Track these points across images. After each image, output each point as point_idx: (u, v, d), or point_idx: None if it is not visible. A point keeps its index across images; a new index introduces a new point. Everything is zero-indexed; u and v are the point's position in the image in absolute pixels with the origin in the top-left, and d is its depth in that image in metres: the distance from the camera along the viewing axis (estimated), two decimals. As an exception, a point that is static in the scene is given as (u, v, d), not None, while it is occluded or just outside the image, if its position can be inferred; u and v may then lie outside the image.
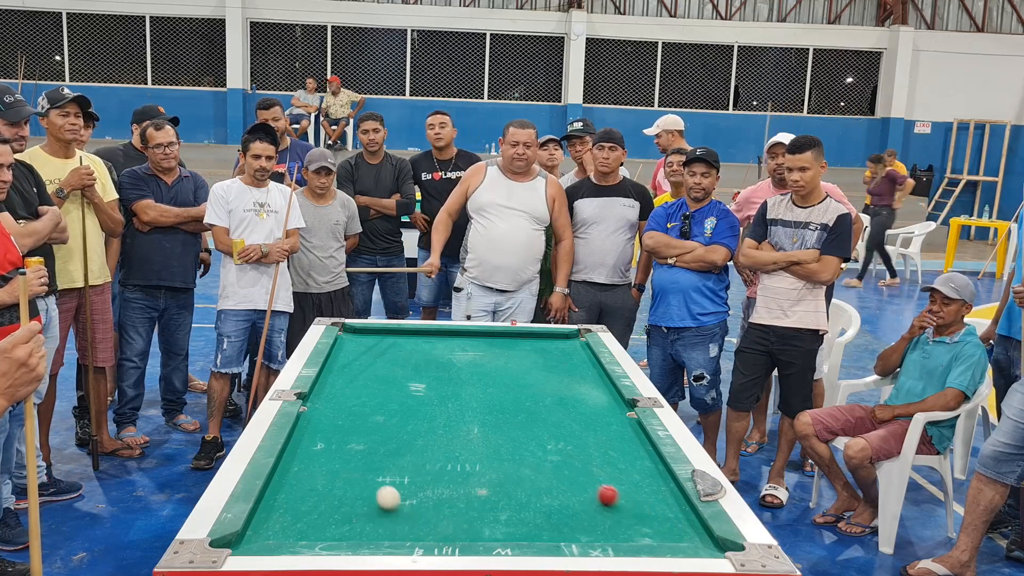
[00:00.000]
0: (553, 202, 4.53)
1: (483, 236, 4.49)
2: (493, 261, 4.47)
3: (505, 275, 4.49)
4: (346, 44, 16.62)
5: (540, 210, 4.51)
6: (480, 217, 4.52)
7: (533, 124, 4.52)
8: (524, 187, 4.51)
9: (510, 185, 4.49)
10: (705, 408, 4.52)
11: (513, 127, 4.47)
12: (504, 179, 4.52)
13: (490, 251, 4.47)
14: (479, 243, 4.51)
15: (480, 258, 4.51)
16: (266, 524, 1.99)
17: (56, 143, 4.06)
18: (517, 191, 4.49)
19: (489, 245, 4.47)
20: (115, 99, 15.45)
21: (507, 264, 4.47)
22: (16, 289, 3.01)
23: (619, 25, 16.86)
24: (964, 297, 3.88)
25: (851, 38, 17.25)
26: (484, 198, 4.49)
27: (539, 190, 4.52)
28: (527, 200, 4.48)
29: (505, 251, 4.46)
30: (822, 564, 3.72)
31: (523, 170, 4.50)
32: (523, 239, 4.48)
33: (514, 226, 4.46)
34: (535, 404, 2.99)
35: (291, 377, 3.05)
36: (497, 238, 4.45)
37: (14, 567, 3.27)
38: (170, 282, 4.60)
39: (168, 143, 4.46)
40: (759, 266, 4.22)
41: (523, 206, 4.46)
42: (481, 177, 4.54)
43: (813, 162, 4.00)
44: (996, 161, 17.12)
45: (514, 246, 4.46)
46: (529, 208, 4.48)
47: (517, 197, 4.47)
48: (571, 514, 2.11)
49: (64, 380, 4.45)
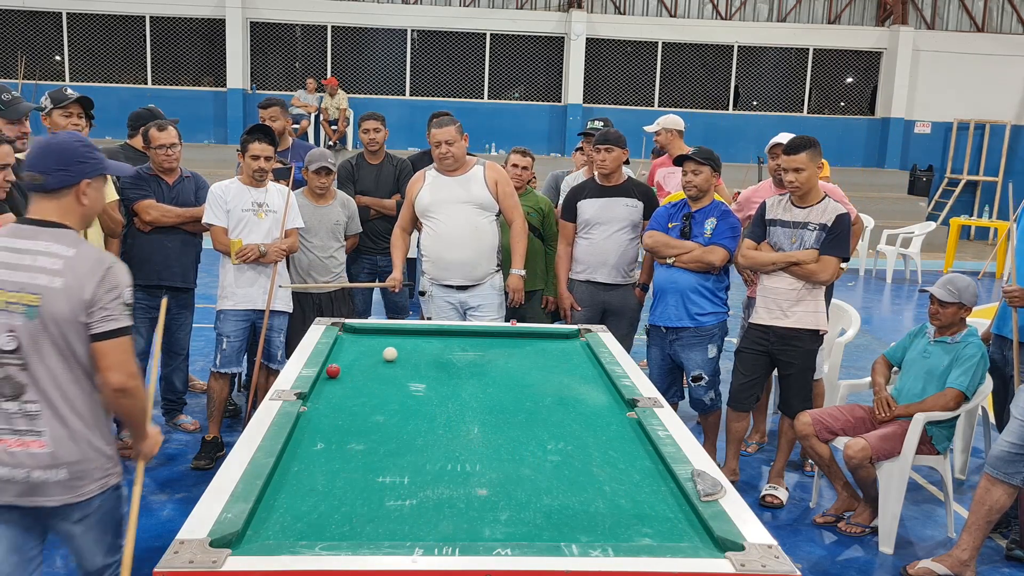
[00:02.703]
0: (495, 185, 4.49)
1: (432, 235, 4.49)
2: (446, 257, 4.46)
3: (459, 270, 4.48)
4: (346, 44, 16.62)
5: (482, 197, 4.46)
6: (428, 219, 4.52)
7: (453, 120, 4.45)
8: (462, 180, 4.47)
9: (448, 182, 4.47)
10: (704, 408, 4.52)
11: (432, 127, 4.43)
12: (442, 178, 4.49)
13: (442, 248, 4.46)
14: (430, 243, 4.52)
15: (434, 257, 4.52)
16: (266, 524, 1.99)
17: None
18: (456, 186, 4.46)
19: (439, 243, 4.46)
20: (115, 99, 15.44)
21: (459, 259, 4.45)
22: None
23: (619, 25, 16.85)
24: (963, 299, 3.88)
25: (851, 38, 17.24)
26: (426, 200, 4.48)
27: (478, 178, 4.48)
28: (467, 191, 4.45)
29: (455, 245, 4.43)
30: (822, 564, 3.72)
31: (454, 167, 4.46)
32: (470, 231, 4.44)
33: (460, 220, 4.43)
34: (535, 404, 3.00)
35: (291, 377, 3.05)
36: (445, 234, 4.43)
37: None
38: (171, 282, 4.60)
39: (171, 144, 4.47)
40: (758, 267, 4.22)
41: (464, 198, 4.44)
42: (420, 183, 4.54)
43: (809, 163, 4.00)
44: (996, 161, 17.11)
45: (463, 239, 4.43)
46: (470, 198, 4.44)
47: (457, 191, 4.45)
48: (571, 514, 2.11)
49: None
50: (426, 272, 4.63)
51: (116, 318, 2.24)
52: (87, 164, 2.31)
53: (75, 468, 2.24)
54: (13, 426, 2.21)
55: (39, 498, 2.23)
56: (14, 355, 2.18)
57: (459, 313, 4.55)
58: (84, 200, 2.32)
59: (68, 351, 2.22)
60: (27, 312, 2.17)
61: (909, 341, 4.15)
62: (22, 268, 2.20)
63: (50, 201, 2.29)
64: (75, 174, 2.29)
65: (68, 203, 2.30)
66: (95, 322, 2.21)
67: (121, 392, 2.25)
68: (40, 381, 2.21)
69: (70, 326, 2.19)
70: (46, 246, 2.23)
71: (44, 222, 2.27)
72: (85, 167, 2.31)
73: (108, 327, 2.22)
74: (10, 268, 2.20)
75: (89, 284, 2.20)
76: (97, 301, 2.21)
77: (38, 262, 2.20)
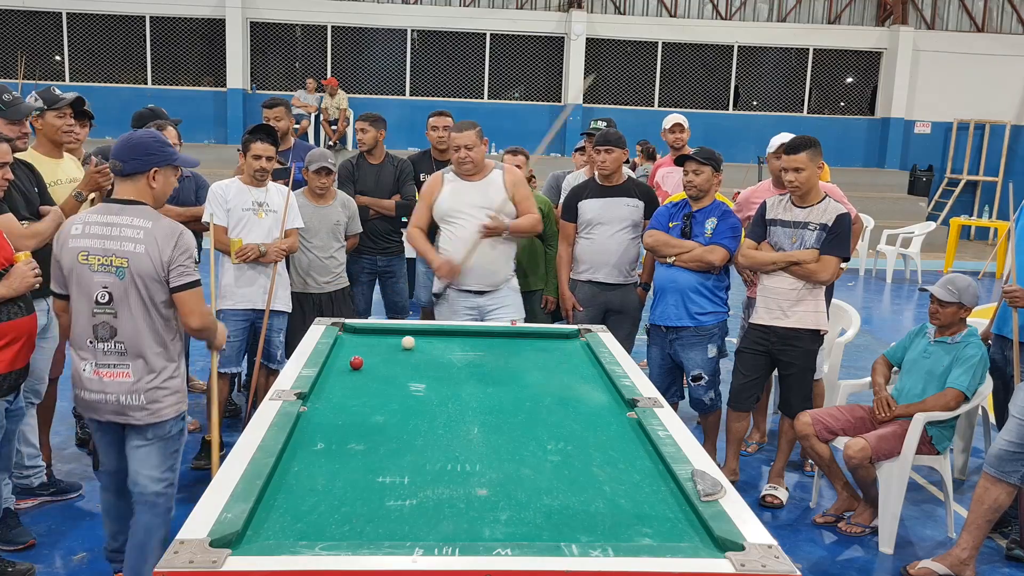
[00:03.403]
0: (514, 188, 4.45)
1: (452, 240, 4.43)
2: (465, 264, 4.39)
3: (480, 276, 4.43)
4: (346, 44, 16.62)
5: (502, 203, 4.42)
6: (447, 224, 4.46)
7: (474, 124, 4.41)
8: (481, 186, 4.43)
9: (468, 187, 4.43)
10: (704, 408, 4.52)
11: (453, 131, 4.41)
12: (462, 183, 4.45)
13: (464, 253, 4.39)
14: (450, 248, 4.43)
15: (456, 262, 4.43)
16: (266, 524, 1.99)
17: (48, 144, 4.00)
18: (475, 191, 4.42)
19: (462, 247, 4.39)
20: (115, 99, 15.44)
21: (479, 265, 4.39)
22: (13, 283, 3.01)
23: (619, 25, 16.85)
24: (963, 299, 3.88)
25: (851, 38, 17.24)
26: (446, 205, 4.43)
27: (497, 183, 4.44)
28: (487, 197, 4.40)
29: (480, 251, 4.38)
30: (822, 564, 3.72)
31: (473, 172, 4.42)
32: (490, 238, 4.39)
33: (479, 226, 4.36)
34: (535, 404, 2.99)
35: (291, 377, 3.05)
36: (466, 240, 4.37)
37: (14, 567, 3.27)
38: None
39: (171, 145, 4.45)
40: (758, 266, 4.22)
41: (484, 203, 4.39)
42: (439, 186, 4.48)
43: (808, 163, 4.00)
44: (996, 161, 17.11)
45: (482, 246, 4.37)
46: (490, 204, 4.39)
47: (477, 197, 4.40)
48: (571, 514, 2.11)
49: (64, 380, 4.43)
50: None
51: (189, 273, 2.82)
52: (156, 156, 2.85)
53: (151, 395, 2.85)
54: (108, 361, 2.81)
55: (127, 416, 2.86)
56: (107, 306, 2.78)
57: (477, 317, 4.49)
58: (153, 184, 2.87)
59: (150, 303, 2.80)
60: (117, 272, 2.76)
61: (909, 341, 4.15)
62: (112, 238, 2.77)
63: (129, 184, 2.85)
64: (145, 163, 2.83)
65: (142, 186, 2.85)
66: (173, 277, 2.79)
67: (199, 331, 2.93)
68: (127, 327, 2.79)
69: (152, 282, 2.78)
70: (129, 220, 2.79)
71: (126, 200, 2.84)
72: (154, 158, 2.85)
73: (184, 280, 2.81)
74: (102, 238, 2.77)
75: (167, 248, 2.77)
76: (173, 261, 2.78)
77: (124, 232, 2.77)
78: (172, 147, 2.96)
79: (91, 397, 2.85)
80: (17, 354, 3.06)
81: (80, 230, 2.80)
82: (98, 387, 2.83)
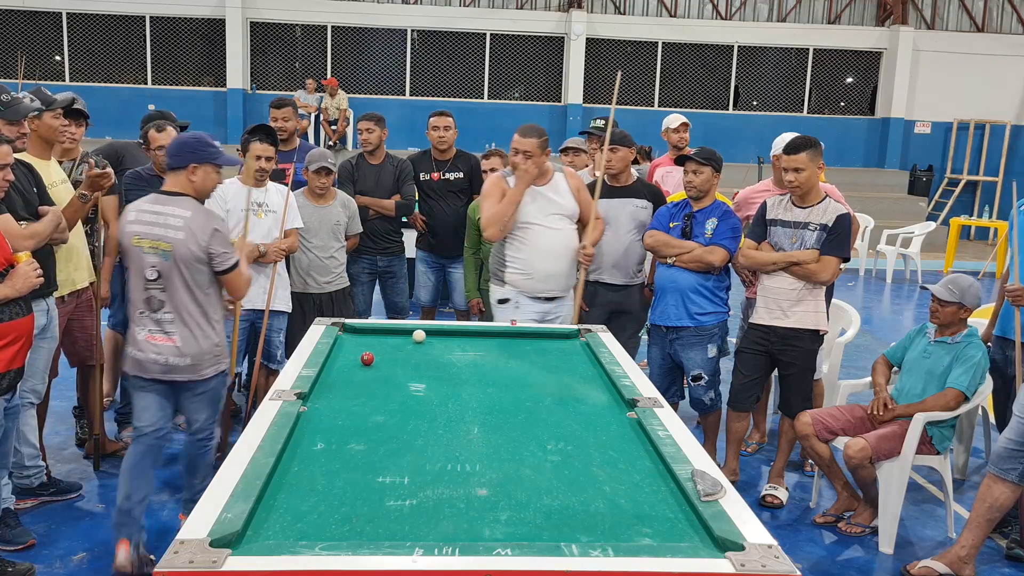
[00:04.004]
0: (578, 192, 4.40)
1: (527, 248, 4.29)
2: (544, 270, 4.30)
3: (557, 282, 4.36)
4: (346, 44, 16.62)
5: (572, 207, 4.36)
6: (519, 232, 4.30)
7: (539, 132, 4.28)
8: (549, 189, 4.33)
9: (535, 192, 4.30)
10: (704, 408, 4.52)
11: (516, 135, 4.28)
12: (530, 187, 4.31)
13: (541, 261, 4.29)
14: (527, 255, 4.30)
15: (530, 270, 4.31)
16: (266, 524, 1.99)
17: (41, 144, 3.97)
18: (545, 196, 4.31)
19: (539, 255, 4.28)
20: (115, 99, 15.46)
21: (559, 270, 4.33)
22: (16, 283, 3.03)
23: (619, 25, 16.85)
24: (963, 300, 3.88)
25: (851, 38, 17.24)
26: (521, 212, 4.28)
27: (563, 188, 4.38)
28: (557, 202, 4.32)
29: (555, 257, 4.31)
30: (822, 564, 3.72)
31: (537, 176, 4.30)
32: (566, 242, 4.33)
33: (557, 232, 4.30)
34: (535, 404, 2.99)
35: (291, 377, 3.05)
36: (545, 247, 4.28)
37: (14, 567, 3.27)
38: None
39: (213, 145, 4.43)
40: (758, 266, 4.21)
41: (557, 209, 4.31)
42: (503, 192, 4.30)
43: (809, 163, 4.00)
44: (996, 161, 17.11)
45: (561, 251, 4.31)
46: (561, 209, 4.33)
47: (548, 202, 4.30)
48: (571, 514, 2.11)
49: (64, 380, 4.44)
50: (510, 282, 4.37)
51: (228, 259, 3.28)
52: (194, 154, 3.26)
53: (195, 357, 3.30)
54: (158, 328, 3.27)
55: (175, 376, 3.31)
56: (156, 283, 3.23)
57: (539, 320, 4.37)
58: (193, 178, 3.27)
59: (191, 280, 3.24)
60: (163, 255, 3.20)
61: (909, 341, 4.15)
62: (158, 225, 3.20)
63: (173, 178, 3.29)
64: (183, 160, 3.25)
65: (183, 180, 3.27)
66: (215, 263, 3.26)
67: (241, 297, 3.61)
68: (171, 300, 3.24)
69: (192, 264, 3.22)
70: (172, 209, 3.22)
71: (171, 192, 3.27)
72: (191, 155, 3.25)
73: (224, 266, 3.28)
74: (151, 224, 3.21)
75: (203, 237, 3.20)
76: (210, 248, 3.22)
77: (167, 220, 3.20)
78: (214, 147, 3.33)
79: (142, 357, 3.29)
80: (16, 353, 3.08)
81: (134, 216, 3.26)
82: (150, 349, 3.27)
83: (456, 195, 5.65)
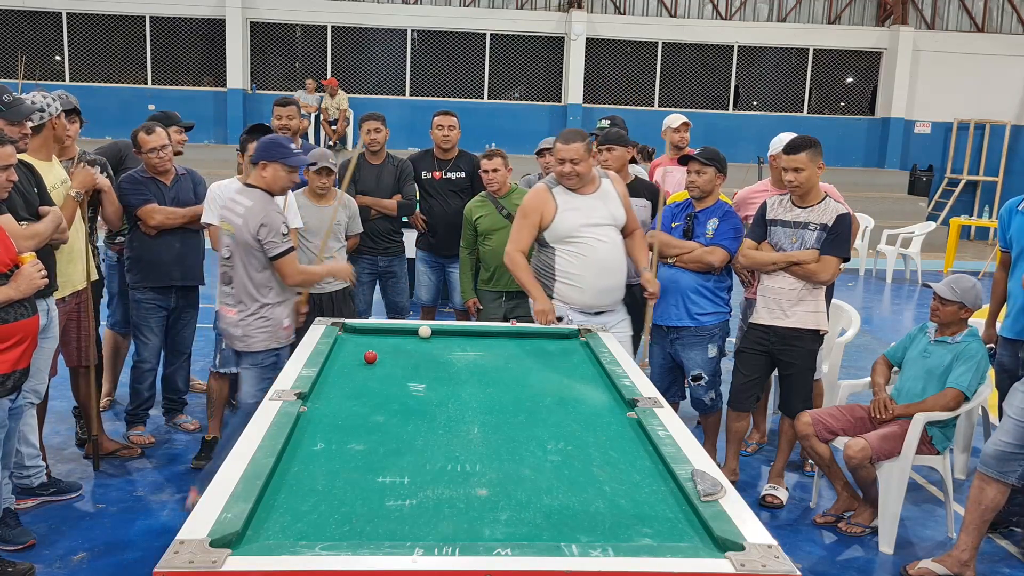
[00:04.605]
0: (624, 199, 4.23)
1: (582, 261, 4.08)
2: (600, 285, 4.11)
3: (610, 296, 4.18)
4: (346, 44, 16.62)
5: (621, 216, 4.18)
6: (569, 244, 4.09)
7: (582, 135, 4.08)
8: (598, 198, 4.13)
9: (585, 202, 4.10)
10: (704, 408, 4.52)
11: (558, 143, 4.07)
12: (575, 197, 4.11)
13: (594, 275, 4.08)
14: (579, 269, 4.08)
15: (585, 285, 4.09)
16: (266, 524, 1.99)
17: (45, 145, 3.96)
18: (594, 205, 4.11)
19: (591, 269, 4.07)
20: (115, 99, 15.48)
21: (612, 284, 4.15)
22: (21, 284, 3.03)
23: (619, 25, 16.86)
24: (964, 300, 3.88)
25: (851, 38, 17.25)
26: (567, 224, 4.07)
27: (612, 195, 4.18)
28: (608, 211, 4.13)
29: (611, 270, 4.12)
30: (822, 564, 3.72)
31: (578, 186, 4.11)
32: (618, 254, 4.15)
33: (608, 244, 4.10)
34: (535, 404, 2.99)
35: (291, 377, 3.05)
36: (598, 260, 4.07)
37: (14, 567, 3.27)
38: (182, 281, 4.63)
39: (161, 146, 4.43)
40: (759, 266, 4.21)
41: (608, 219, 4.12)
42: (552, 205, 4.09)
43: (808, 163, 3.99)
44: (996, 161, 17.11)
45: (617, 263, 4.13)
46: (612, 219, 4.14)
47: (599, 211, 4.11)
48: (571, 514, 2.11)
49: (64, 380, 4.44)
50: (559, 296, 4.16)
51: (277, 246, 3.67)
52: (267, 153, 3.72)
53: (247, 331, 3.77)
54: (226, 301, 3.82)
55: (233, 342, 3.85)
56: (227, 261, 3.78)
57: None
58: (264, 174, 3.74)
59: (248, 262, 3.71)
60: (231, 237, 3.73)
61: (909, 341, 4.15)
62: (231, 211, 3.74)
63: (253, 171, 3.80)
64: (259, 157, 3.75)
65: (257, 174, 3.76)
66: (267, 250, 3.67)
67: (297, 285, 3.93)
68: (235, 277, 3.75)
69: (247, 248, 3.69)
70: (241, 199, 3.74)
71: (249, 184, 3.79)
72: (265, 154, 3.72)
73: (274, 252, 3.68)
74: (228, 210, 3.76)
75: (254, 226, 3.64)
76: (260, 237, 3.64)
77: (235, 208, 3.72)
78: (286, 149, 3.73)
79: (220, 325, 3.96)
80: (22, 354, 3.09)
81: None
82: (221, 319, 3.88)
83: (457, 195, 5.65)
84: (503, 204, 5.00)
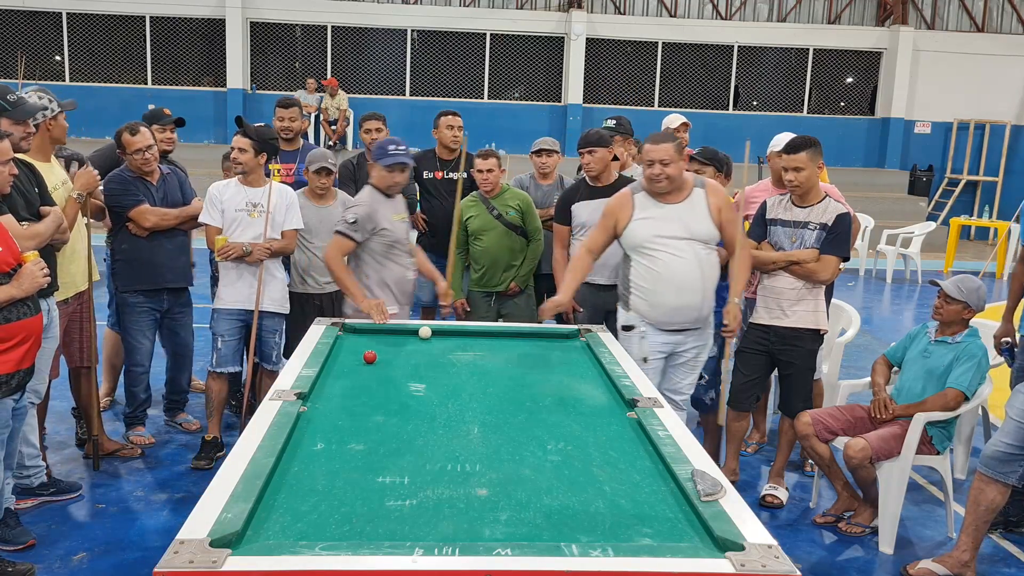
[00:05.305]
0: (719, 212, 3.87)
1: (652, 275, 3.84)
2: (671, 303, 3.83)
3: (686, 314, 3.88)
4: (346, 44, 16.62)
5: (708, 230, 3.85)
6: (642, 255, 3.87)
7: (671, 136, 3.86)
8: (682, 208, 3.85)
9: (666, 210, 3.84)
10: (704, 408, 4.52)
11: (647, 143, 3.83)
12: (657, 205, 3.86)
13: (666, 292, 3.83)
14: (651, 284, 3.85)
15: (655, 301, 3.86)
16: (266, 524, 1.99)
17: (44, 146, 3.95)
18: (676, 215, 3.84)
19: (663, 285, 3.82)
20: (115, 99, 15.47)
21: (687, 303, 3.84)
22: (23, 283, 3.03)
23: (619, 25, 16.86)
24: (969, 301, 3.88)
25: (851, 38, 17.24)
26: (641, 233, 3.85)
27: (700, 205, 3.86)
28: (691, 223, 3.83)
29: (683, 289, 3.82)
30: (822, 564, 3.72)
31: (667, 190, 3.84)
32: (699, 272, 3.82)
33: (686, 259, 3.81)
34: (535, 404, 3.00)
35: (291, 377, 3.05)
36: (672, 276, 3.81)
37: (14, 567, 3.27)
38: (174, 283, 4.61)
39: (147, 146, 4.37)
40: (759, 266, 4.21)
41: (688, 232, 3.82)
42: (629, 210, 3.88)
43: (808, 162, 3.99)
44: (996, 161, 17.11)
45: (690, 282, 3.81)
46: (692, 233, 3.82)
47: (679, 223, 3.82)
48: (571, 514, 2.11)
49: (65, 380, 4.44)
50: (634, 308, 3.94)
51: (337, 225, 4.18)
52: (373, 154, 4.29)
53: None
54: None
55: None
56: None
57: (666, 353, 3.99)
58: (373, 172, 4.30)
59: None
60: None
61: (909, 341, 4.15)
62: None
63: None
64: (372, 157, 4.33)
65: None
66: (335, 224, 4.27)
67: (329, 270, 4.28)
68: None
69: None
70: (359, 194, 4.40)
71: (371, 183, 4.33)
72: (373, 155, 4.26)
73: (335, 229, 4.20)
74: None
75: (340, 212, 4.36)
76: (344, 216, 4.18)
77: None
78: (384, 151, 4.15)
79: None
80: (26, 353, 3.08)
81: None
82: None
83: (458, 195, 5.63)
84: (494, 204, 5.00)
